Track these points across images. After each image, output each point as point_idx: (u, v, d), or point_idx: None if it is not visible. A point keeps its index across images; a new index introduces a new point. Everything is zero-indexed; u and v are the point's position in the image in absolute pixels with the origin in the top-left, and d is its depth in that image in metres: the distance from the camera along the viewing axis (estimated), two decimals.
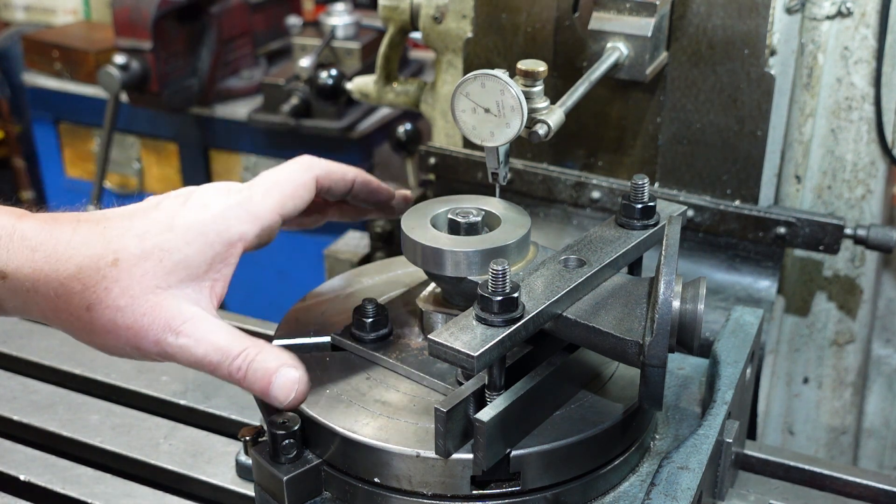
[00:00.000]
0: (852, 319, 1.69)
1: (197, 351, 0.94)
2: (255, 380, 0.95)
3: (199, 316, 0.95)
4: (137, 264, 0.92)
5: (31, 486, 1.25)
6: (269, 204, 1.01)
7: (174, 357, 0.95)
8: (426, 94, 1.80)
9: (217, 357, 0.94)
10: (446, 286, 1.09)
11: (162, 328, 0.93)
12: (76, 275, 0.91)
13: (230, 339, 0.95)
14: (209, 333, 0.94)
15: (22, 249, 0.91)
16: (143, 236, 0.94)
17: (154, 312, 0.92)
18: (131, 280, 0.92)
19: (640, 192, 1.10)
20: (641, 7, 1.39)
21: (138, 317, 0.92)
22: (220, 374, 0.96)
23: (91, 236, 0.93)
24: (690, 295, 0.95)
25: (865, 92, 1.53)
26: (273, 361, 0.96)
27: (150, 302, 0.92)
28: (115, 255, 0.92)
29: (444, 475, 0.95)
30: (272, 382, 0.96)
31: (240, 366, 0.95)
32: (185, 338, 0.93)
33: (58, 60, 3.49)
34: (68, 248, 0.92)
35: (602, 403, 1.02)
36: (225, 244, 0.97)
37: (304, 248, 3.38)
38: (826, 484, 1.24)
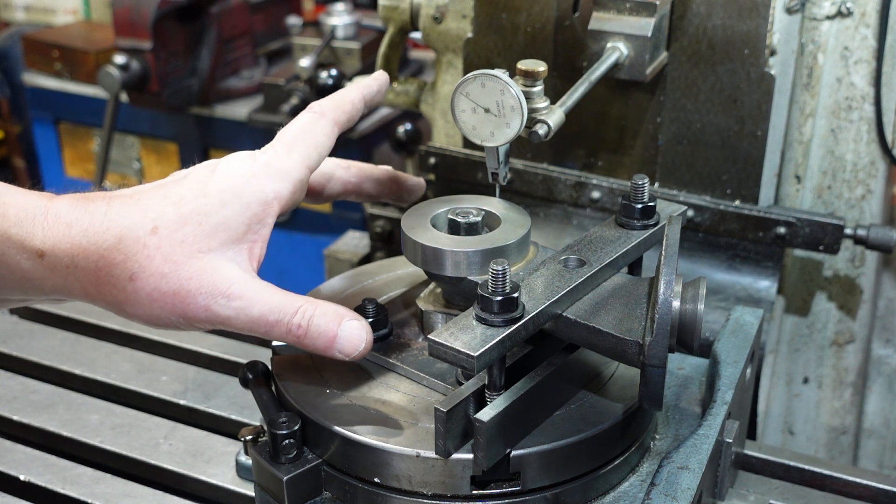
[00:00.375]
0: (852, 319, 1.69)
1: (252, 312, 0.92)
2: (317, 334, 0.94)
3: (245, 278, 0.93)
4: (177, 230, 0.91)
5: (31, 486, 1.25)
6: (296, 159, 0.99)
7: (226, 321, 0.93)
8: (426, 94, 1.80)
9: (274, 316, 0.93)
10: (446, 286, 1.09)
11: (210, 292, 0.91)
12: (116, 245, 0.90)
13: (283, 297, 0.94)
14: (261, 292, 0.93)
15: (57, 226, 0.91)
16: (179, 203, 0.93)
17: (200, 276, 0.91)
18: (173, 246, 0.91)
19: (640, 192, 1.10)
20: (641, 7, 1.39)
21: (184, 281, 0.91)
22: (277, 334, 0.94)
23: (126, 208, 0.93)
24: (690, 295, 0.95)
25: (865, 92, 1.53)
26: (333, 315, 0.95)
27: (195, 266, 0.91)
28: (153, 223, 0.91)
29: (444, 475, 0.95)
30: (337, 335, 0.94)
31: (299, 322, 0.93)
32: (238, 300, 0.92)
33: (58, 60, 3.49)
34: (105, 220, 0.91)
35: (602, 403, 1.02)
36: (261, 203, 0.95)
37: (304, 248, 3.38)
38: (826, 484, 1.24)
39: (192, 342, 1.54)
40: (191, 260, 0.91)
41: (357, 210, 3.16)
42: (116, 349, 1.53)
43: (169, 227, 0.91)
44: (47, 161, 3.76)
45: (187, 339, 1.55)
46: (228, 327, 0.94)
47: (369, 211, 1.94)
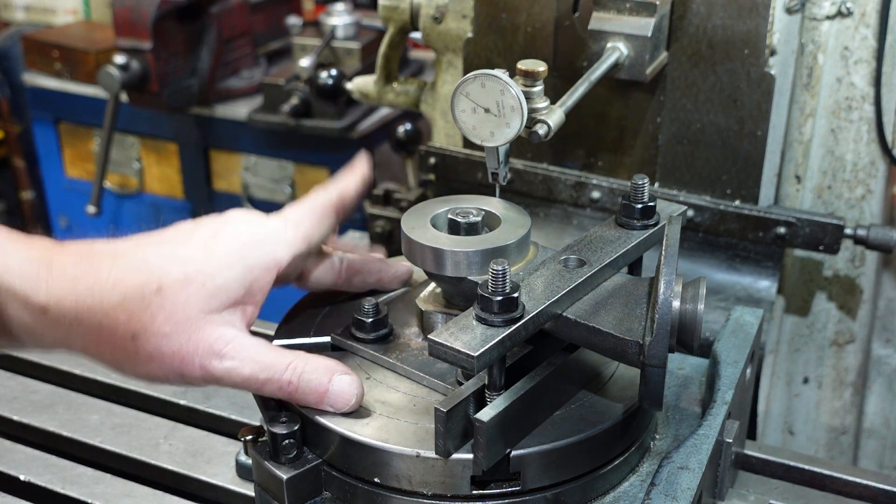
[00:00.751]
0: (852, 319, 1.69)
1: (243, 371, 0.95)
2: (308, 391, 0.97)
3: (239, 337, 0.96)
4: (181, 290, 0.93)
5: (31, 486, 1.25)
6: (301, 231, 1.02)
7: (220, 380, 0.96)
8: (426, 94, 1.80)
9: (265, 374, 0.96)
10: (446, 286, 1.09)
11: (206, 352, 0.94)
12: (121, 304, 0.92)
13: (274, 355, 0.97)
14: (253, 353, 0.96)
15: (62, 281, 0.91)
16: (185, 262, 0.94)
17: (198, 337, 0.93)
18: (175, 306, 0.92)
19: (640, 192, 1.10)
20: (641, 7, 1.39)
21: (183, 342, 0.93)
22: (269, 390, 0.97)
23: (133, 264, 0.94)
24: (690, 295, 0.95)
25: (865, 92, 1.53)
26: (324, 370, 0.98)
27: (194, 327, 0.93)
28: (159, 283, 0.93)
29: (444, 475, 0.95)
30: (328, 391, 0.97)
31: (290, 379, 0.96)
32: (230, 360, 0.95)
33: (58, 60, 3.49)
34: (110, 277, 0.92)
35: (602, 403, 1.02)
36: (263, 269, 0.98)
37: None
38: (826, 484, 1.24)
39: None
40: (192, 321, 0.93)
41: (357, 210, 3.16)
42: None
43: (173, 287, 0.93)
44: (47, 161, 3.76)
45: None
46: (222, 384, 0.97)
47: (369, 211, 1.94)
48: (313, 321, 1.15)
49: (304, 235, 1.02)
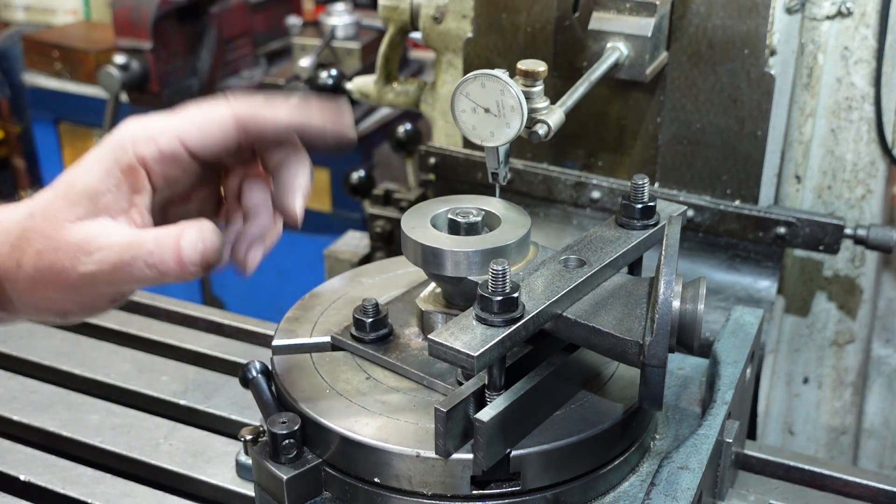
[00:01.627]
0: (852, 319, 1.69)
1: (111, 257, 0.90)
2: (165, 254, 0.89)
3: (112, 230, 0.91)
4: (49, 207, 0.92)
5: (31, 486, 1.25)
6: (171, 130, 0.93)
7: (95, 277, 0.90)
8: (426, 94, 1.80)
9: (129, 253, 0.90)
10: (446, 286, 1.09)
11: (75, 254, 0.90)
12: (5, 236, 0.93)
13: (140, 233, 0.91)
14: (119, 238, 0.90)
15: None
16: (54, 185, 0.93)
17: (67, 243, 0.90)
18: (46, 223, 0.91)
19: (640, 192, 1.10)
20: (641, 7, 1.39)
21: (54, 253, 0.90)
22: (139, 273, 0.90)
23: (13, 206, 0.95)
24: (690, 295, 0.95)
25: (865, 92, 1.53)
26: (175, 230, 0.91)
27: (61, 234, 0.90)
28: (30, 210, 0.93)
29: (444, 475, 0.95)
30: (180, 247, 0.90)
31: (150, 249, 0.90)
32: (97, 252, 0.90)
33: (58, 60, 3.49)
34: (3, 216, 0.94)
35: (602, 403, 1.02)
36: (125, 169, 0.92)
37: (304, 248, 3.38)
38: (826, 484, 1.24)
39: (193, 342, 1.54)
40: (60, 231, 0.90)
41: (357, 210, 3.16)
42: (116, 349, 1.53)
43: (42, 207, 0.92)
44: (47, 161, 3.76)
45: (187, 339, 1.55)
46: (104, 285, 0.91)
47: (369, 211, 1.94)
48: (313, 321, 1.15)
49: (175, 131, 0.93)
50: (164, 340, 1.54)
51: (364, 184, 2.13)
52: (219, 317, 1.60)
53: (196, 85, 3.20)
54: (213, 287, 3.70)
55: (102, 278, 0.91)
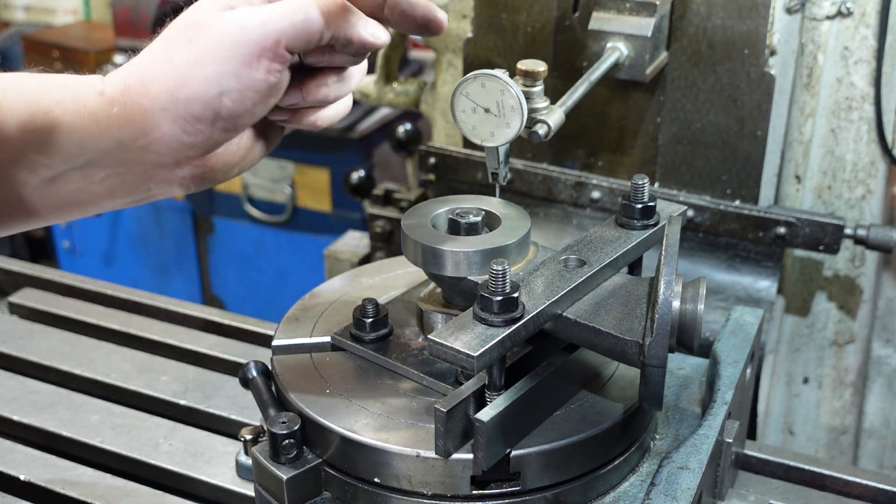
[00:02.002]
0: (852, 319, 1.69)
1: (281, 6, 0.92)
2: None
3: None
4: (186, 13, 0.95)
5: (31, 486, 1.25)
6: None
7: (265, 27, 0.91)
8: (426, 94, 1.80)
9: None
10: (446, 286, 1.09)
11: (237, 18, 0.92)
12: (149, 51, 0.95)
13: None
14: None
15: (113, 75, 0.96)
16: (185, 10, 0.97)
17: (222, 19, 0.93)
18: (187, 21, 0.94)
19: (640, 192, 1.10)
20: (641, 7, 1.39)
21: (210, 31, 0.92)
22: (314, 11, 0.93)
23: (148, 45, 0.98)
24: (690, 295, 0.95)
25: (865, 92, 1.53)
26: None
27: (215, 19, 0.93)
28: (168, 23, 0.96)
29: (444, 475, 0.95)
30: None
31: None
32: (263, 6, 0.93)
33: (58, 60, 3.50)
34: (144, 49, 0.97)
35: (602, 403, 1.02)
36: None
37: (304, 248, 3.38)
38: (826, 484, 1.24)
39: (192, 342, 1.54)
40: (209, 19, 0.93)
41: (357, 210, 3.16)
42: (116, 349, 1.53)
43: (179, 15, 0.95)
44: None
45: (187, 339, 1.55)
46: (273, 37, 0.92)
47: (369, 211, 1.94)
48: (313, 321, 1.15)
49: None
50: (164, 340, 1.54)
51: (364, 184, 2.13)
52: (219, 317, 1.60)
53: None
54: (213, 287, 3.70)
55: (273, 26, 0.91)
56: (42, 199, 0.98)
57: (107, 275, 3.73)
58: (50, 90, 0.95)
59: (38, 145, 0.94)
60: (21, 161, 0.94)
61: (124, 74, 0.96)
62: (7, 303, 1.68)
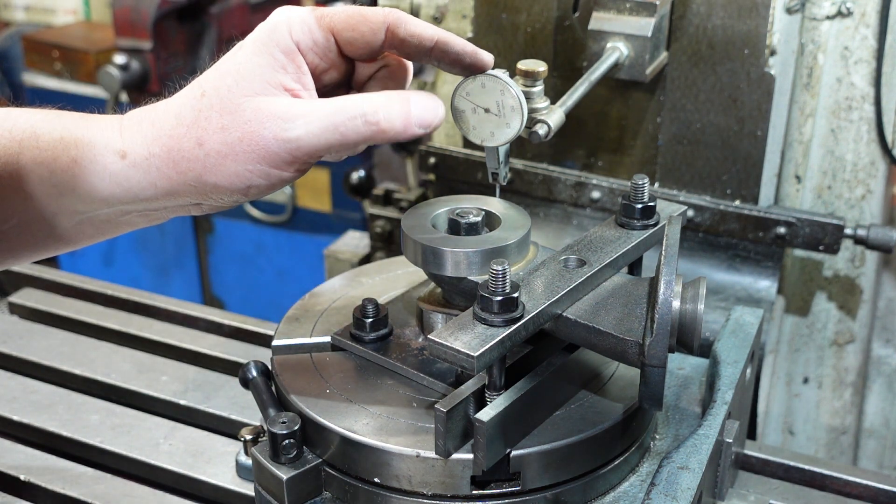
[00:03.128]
0: (852, 319, 1.69)
1: (321, 119, 0.92)
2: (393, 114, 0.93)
3: (301, 101, 0.94)
4: (221, 85, 0.94)
5: (31, 486, 1.25)
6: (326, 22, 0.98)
7: (300, 142, 0.92)
8: None
9: (342, 115, 0.93)
10: (446, 286, 1.09)
11: (272, 121, 0.92)
12: (177, 119, 0.95)
13: (341, 99, 0.94)
14: (318, 105, 0.94)
15: (131, 127, 0.97)
16: (217, 66, 0.97)
17: (257, 115, 0.93)
18: (222, 100, 0.94)
19: (640, 192, 1.10)
20: (641, 7, 1.39)
21: (244, 125, 0.93)
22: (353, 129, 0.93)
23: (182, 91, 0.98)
24: (690, 295, 0.95)
25: (865, 92, 1.53)
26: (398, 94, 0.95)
27: (249, 108, 0.93)
28: (201, 90, 0.95)
29: (444, 475, 0.95)
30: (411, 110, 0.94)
31: (369, 109, 0.93)
32: (301, 118, 0.92)
33: (58, 60, 3.49)
34: (166, 108, 0.97)
35: (602, 403, 1.02)
36: (287, 52, 0.96)
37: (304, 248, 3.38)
38: (826, 484, 1.24)
39: (192, 342, 1.54)
40: (243, 106, 0.93)
41: (357, 210, 3.16)
42: (116, 349, 1.53)
43: (214, 85, 0.95)
44: None
45: (187, 339, 1.55)
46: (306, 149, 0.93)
47: (369, 211, 1.94)
48: (313, 321, 1.15)
49: (329, 25, 0.98)
50: (164, 340, 1.54)
51: (364, 184, 2.13)
52: (219, 317, 1.60)
53: None
54: (213, 287, 3.70)
55: (308, 141, 0.93)
56: (78, 233, 1.02)
57: (107, 275, 3.73)
58: (66, 147, 0.97)
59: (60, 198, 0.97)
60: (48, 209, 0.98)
61: (148, 139, 0.96)
62: (7, 303, 1.68)
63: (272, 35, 0.96)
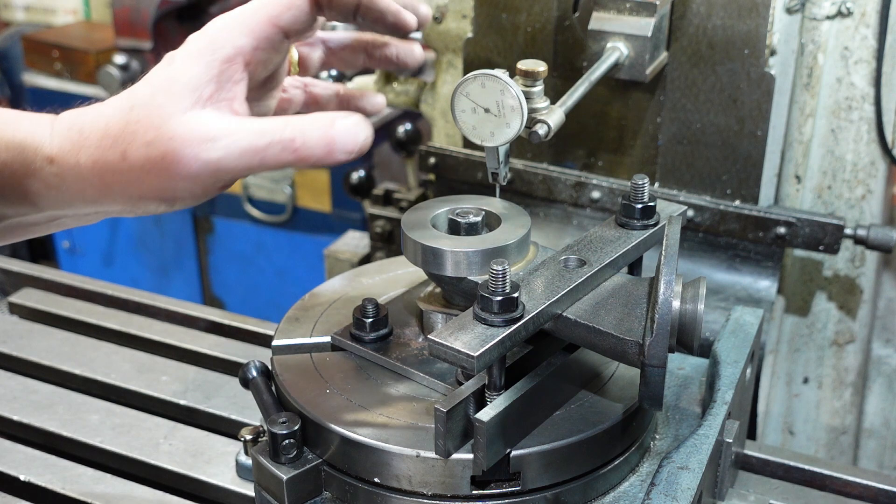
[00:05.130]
0: (852, 319, 1.69)
1: (241, 143, 0.91)
2: (314, 141, 0.92)
3: (227, 119, 0.93)
4: (151, 100, 0.93)
5: (31, 486, 1.25)
6: (262, 15, 0.97)
7: (220, 163, 0.92)
8: (426, 94, 1.80)
9: (265, 139, 0.91)
10: (446, 286, 1.09)
11: (194, 141, 0.91)
12: (105, 132, 0.93)
13: (267, 120, 0.93)
14: (244, 124, 0.93)
15: (62, 131, 0.95)
16: (149, 79, 0.95)
17: (181, 133, 0.92)
18: (150, 115, 0.92)
19: (640, 192, 1.10)
20: (641, 7, 1.39)
21: (167, 142, 0.91)
22: (273, 155, 0.92)
23: (106, 101, 0.96)
24: (690, 295, 0.95)
25: (865, 92, 1.53)
26: (324, 117, 0.93)
27: (173, 126, 0.92)
28: (131, 103, 0.94)
29: (444, 475, 0.95)
30: (334, 135, 0.92)
31: (292, 135, 0.92)
32: (223, 139, 0.91)
33: (58, 60, 3.49)
34: (97, 116, 0.95)
35: (602, 403, 1.02)
36: (223, 61, 0.95)
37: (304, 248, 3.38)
38: (826, 484, 1.24)
39: (192, 342, 1.54)
40: (169, 122, 0.92)
41: (357, 210, 3.16)
42: (116, 349, 1.53)
43: (143, 100, 0.93)
44: None
45: (187, 339, 1.55)
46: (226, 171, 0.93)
47: (369, 211, 1.94)
48: (313, 321, 1.15)
49: (267, 16, 0.97)
50: (164, 340, 1.54)
51: (364, 184, 2.13)
52: (219, 317, 1.60)
53: None
54: (213, 287, 3.70)
55: (228, 163, 0.92)
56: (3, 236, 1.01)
57: (107, 275, 3.73)
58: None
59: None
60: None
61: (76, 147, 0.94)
62: (7, 303, 1.68)
63: (210, 45, 0.95)
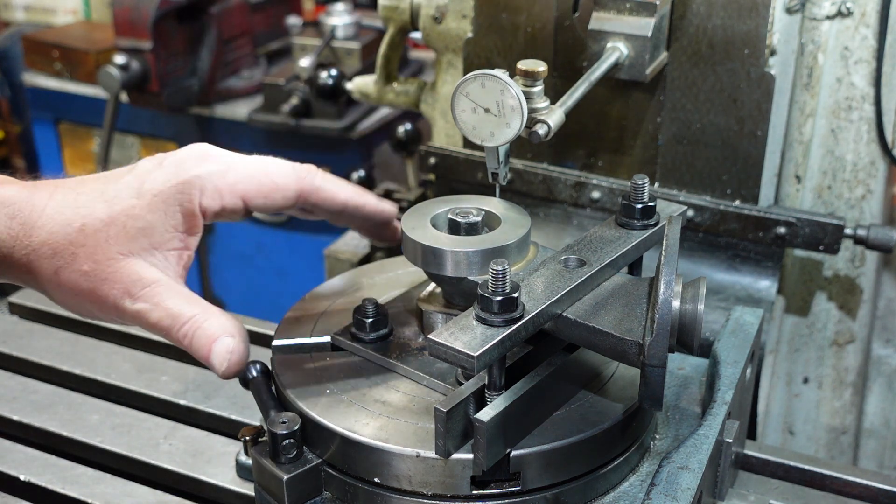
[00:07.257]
0: (852, 319, 1.69)
1: (151, 316, 0.97)
2: (198, 346, 0.99)
3: (160, 282, 0.97)
4: (102, 230, 0.94)
5: (31, 486, 1.25)
6: (239, 190, 1.01)
7: (132, 321, 0.97)
8: (426, 94, 1.80)
9: (168, 322, 0.97)
10: (446, 286, 1.09)
11: (121, 293, 0.95)
12: (47, 241, 0.94)
13: (183, 305, 0.98)
14: (166, 299, 0.97)
15: (2, 216, 0.95)
16: (111, 201, 0.96)
17: (114, 278, 0.94)
18: (96, 246, 0.94)
19: (640, 192, 1.10)
20: (641, 7, 1.39)
21: (99, 282, 0.94)
22: (172, 339, 0.99)
23: (64, 202, 0.96)
24: (690, 295, 0.95)
25: (865, 92, 1.53)
26: (215, 329, 0.98)
27: (112, 268, 0.94)
28: (82, 221, 0.94)
29: (444, 475, 0.95)
30: (211, 350, 0.98)
31: (186, 332, 0.98)
32: (142, 303, 0.96)
33: (58, 60, 3.49)
34: (42, 215, 0.95)
35: (602, 403, 1.02)
36: (187, 215, 0.98)
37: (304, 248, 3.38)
38: (826, 484, 1.24)
39: None
40: (110, 261, 0.94)
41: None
42: (116, 349, 1.53)
43: (95, 226, 0.94)
44: (47, 161, 3.76)
45: None
46: (141, 324, 0.98)
47: None
48: (313, 321, 1.15)
49: (242, 194, 1.01)
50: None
51: (364, 184, 2.13)
52: None
53: (196, 85, 3.20)
54: (213, 287, 3.70)
55: (138, 323, 0.98)
56: None
57: None
58: None
59: None
60: None
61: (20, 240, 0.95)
62: (7, 303, 1.68)
63: (180, 195, 0.97)
